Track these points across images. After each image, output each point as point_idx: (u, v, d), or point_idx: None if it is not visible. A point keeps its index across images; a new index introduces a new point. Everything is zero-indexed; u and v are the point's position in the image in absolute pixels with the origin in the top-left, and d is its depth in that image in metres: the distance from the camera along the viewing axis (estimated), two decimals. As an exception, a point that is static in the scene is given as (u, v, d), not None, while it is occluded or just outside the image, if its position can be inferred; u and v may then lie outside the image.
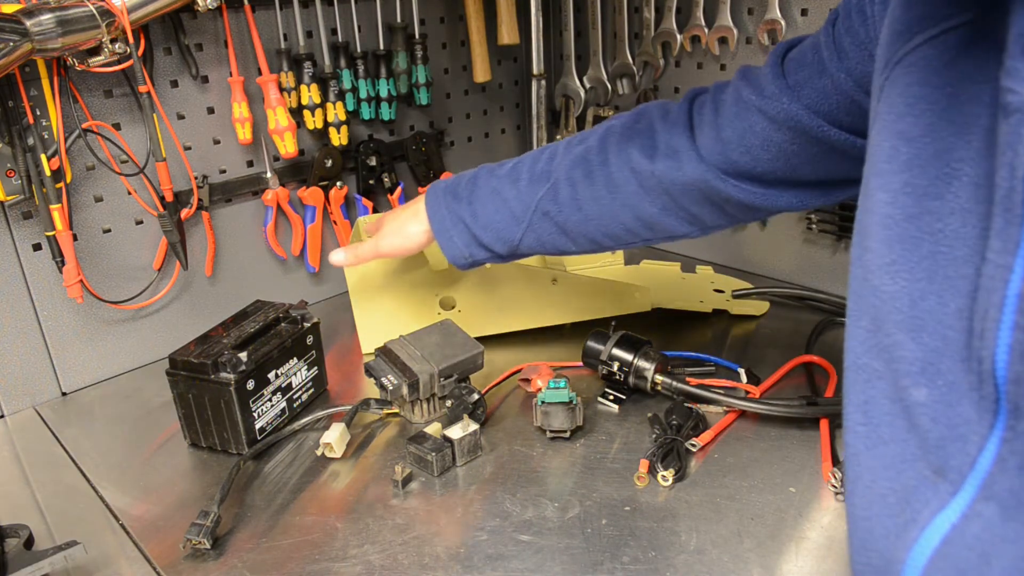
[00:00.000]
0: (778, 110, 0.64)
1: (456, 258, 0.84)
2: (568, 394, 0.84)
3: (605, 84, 1.30)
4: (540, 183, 0.80)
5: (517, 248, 0.83)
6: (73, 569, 0.69)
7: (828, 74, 0.61)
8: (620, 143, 0.76)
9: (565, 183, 0.78)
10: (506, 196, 0.81)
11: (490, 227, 0.81)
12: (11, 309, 0.94)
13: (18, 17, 0.79)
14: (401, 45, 1.17)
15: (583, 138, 0.81)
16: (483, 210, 0.82)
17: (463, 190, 0.84)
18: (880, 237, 0.44)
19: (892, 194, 0.44)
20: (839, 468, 0.75)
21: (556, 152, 0.81)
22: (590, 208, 0.78)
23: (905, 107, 0.44)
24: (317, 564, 0.68)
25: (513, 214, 0.81)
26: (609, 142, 0.77)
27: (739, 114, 0.68)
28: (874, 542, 0.43)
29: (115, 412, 0.96)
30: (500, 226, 0.81)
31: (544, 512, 0.74)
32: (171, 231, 1.00)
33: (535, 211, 0.80)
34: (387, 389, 0.84)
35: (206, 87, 1.04)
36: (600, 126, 0.80)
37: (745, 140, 0.68)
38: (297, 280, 1.21)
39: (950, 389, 0.39)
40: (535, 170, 0.81)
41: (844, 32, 0.59)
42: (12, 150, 0.87)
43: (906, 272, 0.42)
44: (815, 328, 1.04)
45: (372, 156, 1.22)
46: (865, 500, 0.44)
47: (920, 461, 0.41)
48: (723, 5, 1.11)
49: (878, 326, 0.44)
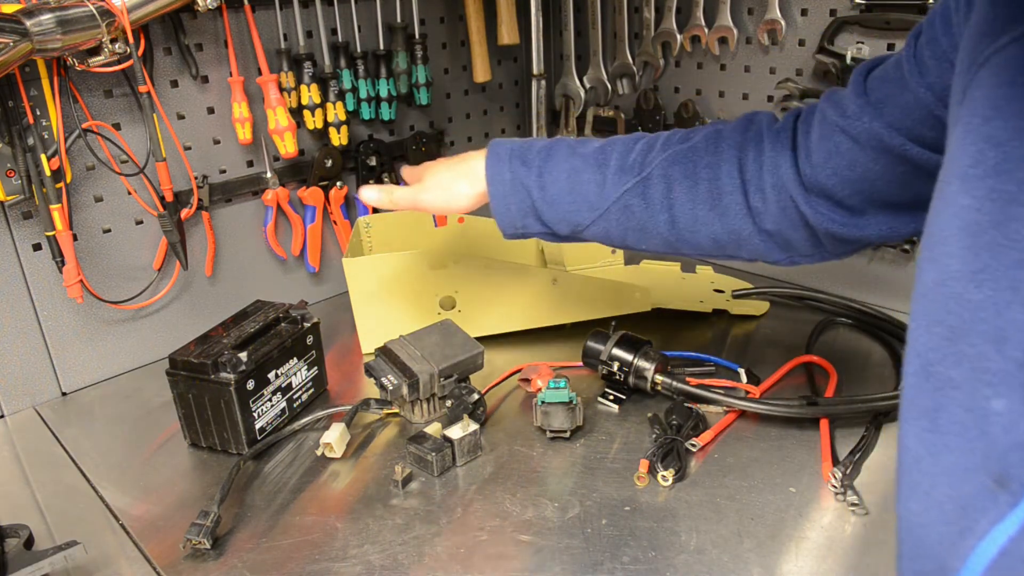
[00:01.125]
0: (860, 129, 0.63)
1: (506, 226, 0.80)
2: (568, 394, 0.84)
3: (605, 84, 1.30)
4: (629, 174, 0.74)
5: (581, 233, 0.78)
6: (73, 569, 0.69)
7: (909, 89, 0.60)
8: (732, 148, 0.73)
9: (660, 179, 0.73)
10: (585, 179, 0.76)
11: (558, 205, 0.76)
12: (11, 309, 0.94)
13: (18, 17, 0.79)
14: (401, 45, 1.17)
15: (686, 136, 0.76)
16: (554, 186, 0.76)
17: (534, 157, 0.78)
18: (964, 244, 0.43)
19: (977, 200, 0.42)
20: (839, 468, 0.75)
21: (653, 145, 0.76)
22: (682, 211, 0.73)
23: (992, 110, 0.43)
24: (317, 564, 0.68)
25: (589, 200, 0.75)
26: (721, 145, 0.73)
27: (824, 135, 0.67)
28: (928, 548, 0.43)
29: (115, 412, 0.96)
30: (570, 207, 0.76)
31: (544, 512, 0.74)
32: (171, 231, 1.00)
33: (617, 202, 0.75)
34: (387, 389, 0.84)
35: (206, 87, 1.04)
36: (703, 127, 0.76)
37: (831, 162, 0.66)
38: (297, 280, 1.21)
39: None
40: (626, 159, 0.76)
41: (925, 45, 0.58)
42: (12, 150, 0.87)
43: (992, 281, 0.41)
44: (815, 328, 1.04)
45: (372, 156, 1.22)
46: (922, 506, 0.44)
47: (982, 471, 0.40)
48: (723, 5, 1.11)
49: (959, 335, 0.42)
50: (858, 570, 0.66)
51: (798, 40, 1.08)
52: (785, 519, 0.72)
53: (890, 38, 0.99)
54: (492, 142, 0.81)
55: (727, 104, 1.19)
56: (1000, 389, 0.40)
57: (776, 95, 1.12)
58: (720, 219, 0.73)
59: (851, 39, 1.02)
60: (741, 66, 1.16)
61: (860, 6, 0.99)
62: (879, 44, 1.00)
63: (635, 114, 1.30)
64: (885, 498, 0.74)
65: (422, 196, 0.83)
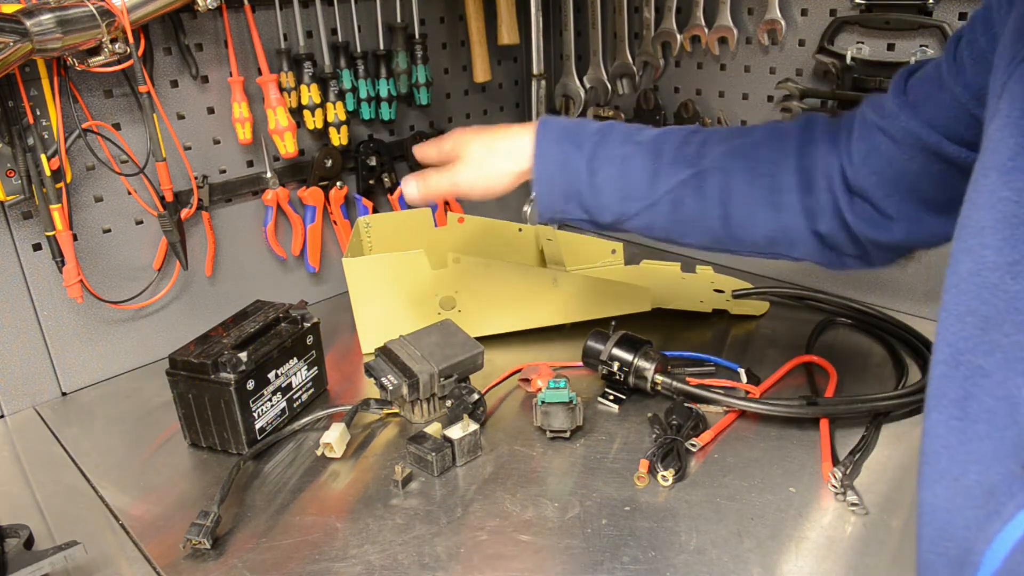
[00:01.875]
0: (898, 127, 0.64)
1: (545, 209, 0.76)
2: (568, 394, 0.84)
3: (605, 84, 1.30)
4: (684, 166, 0.73)
5: (623, 223, 0.75)
6: (73, 569, 0.69)
7: (947, 88, 0.60)
8: (792, 146, 0.72)
9: (717, 172, 0.72)
10: (636, 166, 0.73)
11: (605, 192, 0.74)
12: (11, 309, 0.94)
13: (18, 17, 0.79)
14: (401, 45, 1.17)
15: (745, 131, 0.75)
16: (603, 171, 0.73)
17: (587, 140, 0.75)
18: (1002, 235, 0.43)
19: (1017, 192, 0.43)
20: (839, 468, 0.75)
21: (711, 138, 0.74)
22: (736, 206, 0.72)
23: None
24: (317, 564, 0.68)
25: (637, 189, 0.73)
26: (784, 142, 0.72)
27: (863, 135, 0.68)
28: (953, 532, 0.43)
29: (115, 412, 0.96)
30: (617, 196, 0.74)
31: (544, 512, 0.74)
32: (171, 231, 1.00)
33: (668, 194, 0.72)
34: (387, 389, 0.84)
35: (206, 87, 1.04)
36: (762, 125, 0.76)
37: (869, 161, 0.67)
38: (297, 280, 1.21)
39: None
40: (682, 151, 0.74)
41: (965, 46, 0.59)
42: (12, 150, 0.87)
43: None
44: (815, 328, 1.04)
45: (372, 156, 1.22)
46: (950, 492, 0.44)
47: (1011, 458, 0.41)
48: (723, 5, 1.11)
49: (993, 324, 0.43)
50: (858, 570, 0.66)
51: (798, 40, 1.08)
52: (785, 519, 0.72)
53: (890, 38, 0.99)
54: (542, 119, 0.77)
55: (727, 104, 1.19)
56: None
57: (776, 95, 1.12)
58: (776, 217, 0.72)
59: (851, 39, 1.02)
60: (741, 66, 1.16)
61: (860, 6, 0.99)
62: (879, 44, 1.00)
63: (635, 114, 1.30)
64: (885, 498, 0.74)
65: (460, 178, 0.77)
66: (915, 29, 0.96)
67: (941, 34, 0.93)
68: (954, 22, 0.93)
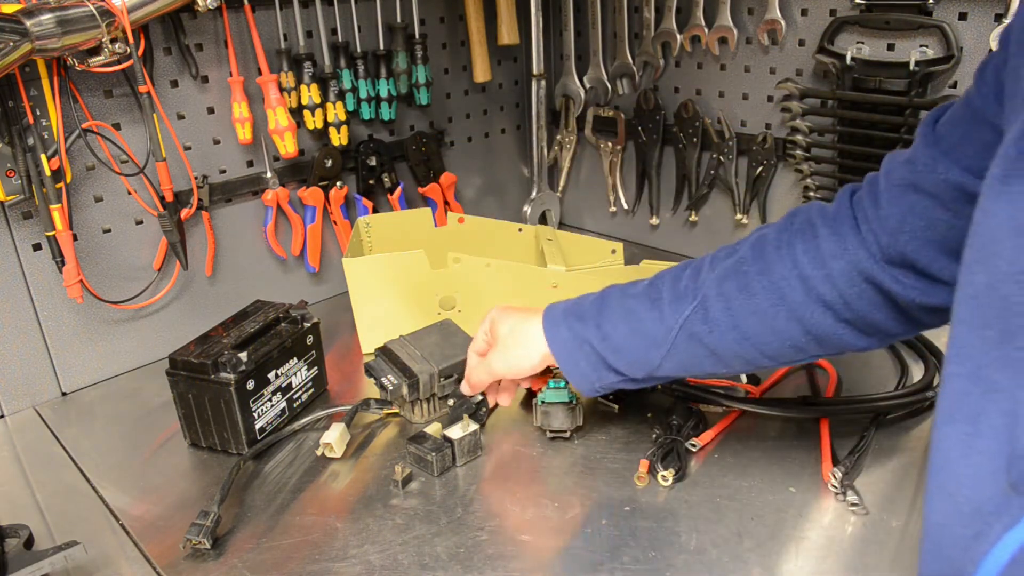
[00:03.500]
0: (934, 182, 0.58)
1: (582, 384, 0.77)
2: (568, 394, 0.84)
3: (605, 84, 1.30)
4: (684, 301, 0.71)
5: (655, 372, 0.74)
6: (73, 569, 0.69)
7: (982, 119, 0.55)
8: (779, 248, 0.69)
9: (717, 299, 0.70)
10: (642, 317, 0.73)
11: (623, 350, 0.74)
12: (11, 309, 0.94)
13: (18, 17, 0.79)
14: (401, 45, 1.17)
15: (731, 251, 0.73)
16: (615, 332, 0.74)
17: (588, 310, 0.76)
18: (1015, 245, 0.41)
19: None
20: (839, 468, 0.75)
21: (700, 267, 0.73)
22: (748, 325, 0.69)
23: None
24: (317, 564, 0.68)
25: (651, 337, 0.72)
26: (766, 249, 0.70)
27: (894, 198, 0.62)
28: (945, 551, 0.43)
29: (115, 412, 0.96)
30: (635, 349, 0.73)
31: (544, 512, 0.74)
32: (171, 231, 1.00)
33: (679, 332, 0.71)
34: (387, 389, 0.84)
35: (206, 87, 1.04)
36: (747, 238, 0.73)
37: (907, 225, 0.61)
38: (297, 280, 1.21)
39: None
40: (677, 288, 0.73)
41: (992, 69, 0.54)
42: (12, 150, 0.87)
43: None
44: (815, 328, 1.04)
45: (372, 156, 1.22)
46: (945, 507, 0.43)
47: (1003, 473, 0.40)
48: (723, 5, 1.11)
49: (1007, 338, 0.41)
50: (858, 570, 0.66)
51: (798, 40, 1.08)
52: (785, 519, 0.72)
53: (890, 38, 0.99)
54: (546, 307, 0.80)
55: (727, 104, 1.19)
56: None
57: (776, 95, 1.12)
58: (793, 323, 0.68)
59: (851, 39, 1.02)
60: (741, 66, 1.16)
61: (860, 6, 0.99)
62: (879, 44, 1.00)
63: (635, 114, 1.31)
64: (885, 498, 0.74)
65: (495, 366, 0.83)
66: (915, 29, 0.96)
67: (941, 34, 0.93)
68: (954, 22, 0.93)
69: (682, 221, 1.32)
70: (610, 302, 0.76)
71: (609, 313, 0.75)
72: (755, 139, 1.16)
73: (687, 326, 0.71)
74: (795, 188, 1.15)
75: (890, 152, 0.65)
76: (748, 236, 0.73)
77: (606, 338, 0.74)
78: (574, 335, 0.76)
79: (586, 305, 0.77)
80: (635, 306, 0.74)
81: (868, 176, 0.67)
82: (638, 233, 1.40)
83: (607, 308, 0.75)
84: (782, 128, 1.13)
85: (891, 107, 0.98)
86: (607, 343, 0.74)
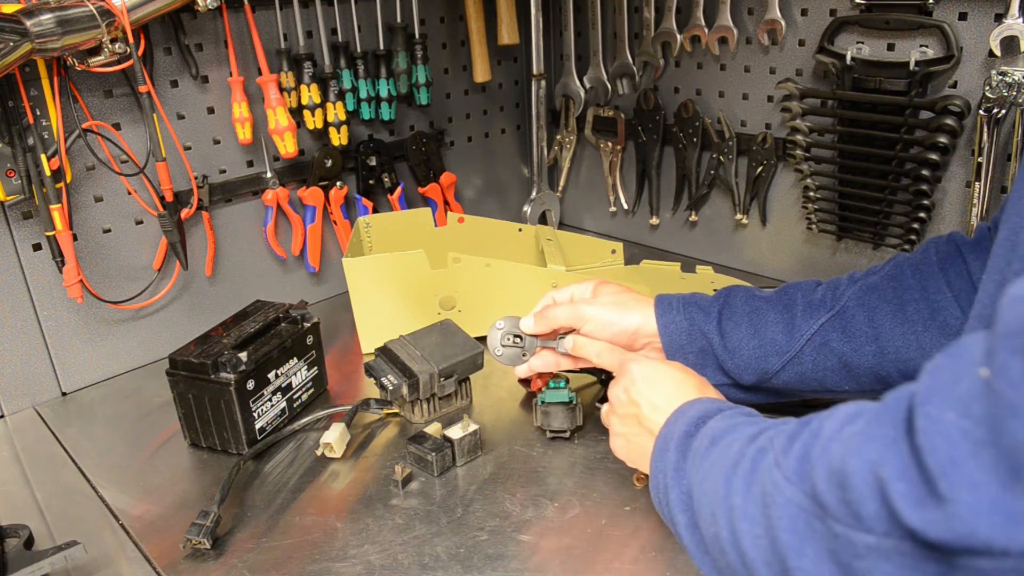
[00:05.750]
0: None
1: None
2: (568, 394, 0.84)
3: (605, 84, 1.30)
4: (821, 310, 0.70)
5: (769, 380, 0.72)
6: (73, 569, 0.69)
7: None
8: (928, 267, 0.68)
9: (859, 310, 0.68)
10: (770, 320, 0.71)
11: (741, 352, 0.71)
12: (11, 309, 0.94)
13: (18, 17, 0.79)
14: (401, 45, 1.17)
15: (872, 270, 0.72)
16: (737, 332, 0.71)
17: (710, 303, 0.73)
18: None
19: None
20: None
21: (839, 284, 0.72)
22: (891, 338, 0.67)
23: None
24: (317, 564, 0.68)
25: (776, 342, 0.70)
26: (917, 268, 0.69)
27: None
28: None
29: (115, 412, 0.96)
30: (755, 353, 0.71)
31: (544, 512, 0.74)
32: (171, 231, 1.00)
33: (811, 341, 0.69)
34: (387, 389, 0.84)
35: (206, 87, 1.04)
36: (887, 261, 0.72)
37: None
38: (297, 280, 1.21)
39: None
40: (812, 297, 0.71)
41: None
42: (12, 150, 0.87)
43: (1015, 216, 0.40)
44: (815, 328, 1.04)
45: (372, 156, 1.22)
46: None
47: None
48: (723, 5, 1.11)
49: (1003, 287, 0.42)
50: (858, 570, 0.66)
51: (798, 40, 1.08)
52: (785, 519, 0.71)
53: (890, 38, 0.99)
54: (657, 296, 0.76)
55: (727, 104, 1.19)
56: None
57: (776, 95, 1.12)
58: (940, 336, 0.67)
59: (851, 39, 1.02)
60: (741, 66, 1.16)
61: (860, 6, 0.99)
62: (879, 44, 1.00)
63: (635, 114, 1.31)
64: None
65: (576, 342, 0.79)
66: (915, 29, 0.96)
67: (941, 34, 0.93)
68: (954, 22, 0.93)
69: (682, 221, 1.32)
70: (734, 300, 0.73)
71: (731, 311, 0.72)
72: (755, 139, 1.16)
73: (821, 334, 0.69)
74: (795, 188, 1.15)
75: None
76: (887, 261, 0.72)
77: (724, 335, 0.71)
78: (691, 323, 0.72)
79: (707, 299, 0.74)
80: (763, 307, 0.72)
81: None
82: (638, 233, 1.40)
83: (730, 306, 0.73)
84: (782, 128, 1.13)
85: (891, 107, 0.98)
86: (724, 340, 0.71)
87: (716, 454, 0.52)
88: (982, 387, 0.33)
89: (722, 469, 0.50)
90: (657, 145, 1.29)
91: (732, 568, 0.47)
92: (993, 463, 0.31)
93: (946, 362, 0.36)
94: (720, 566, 0.49)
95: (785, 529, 0.42)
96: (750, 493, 0.46)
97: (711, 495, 0.50)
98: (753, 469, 0.47)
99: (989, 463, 0.31)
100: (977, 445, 0.32)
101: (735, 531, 0.46)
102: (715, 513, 0.49)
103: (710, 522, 0.49)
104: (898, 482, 0.34)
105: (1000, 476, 0.31)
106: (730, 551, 0.47)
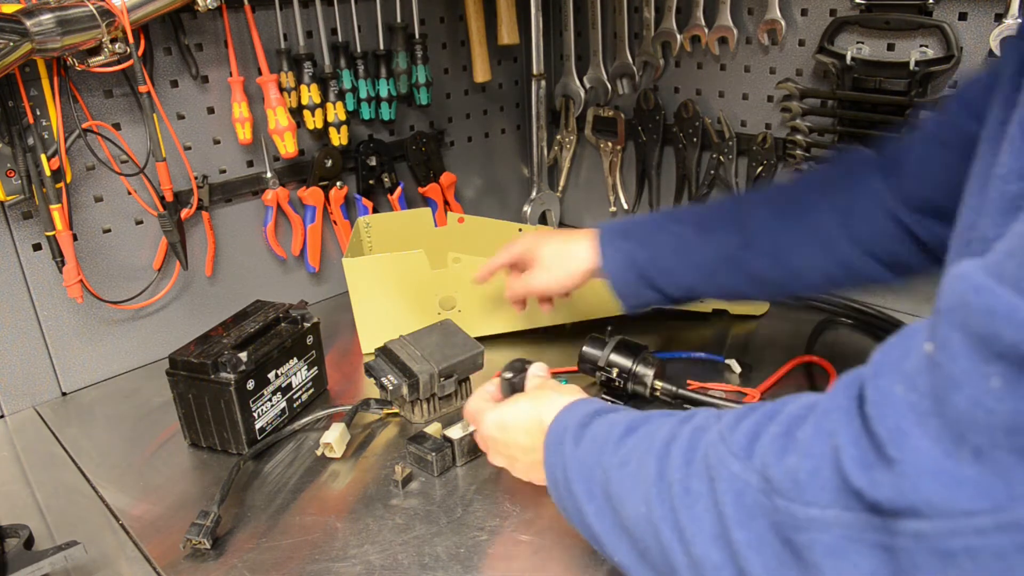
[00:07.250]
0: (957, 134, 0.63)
1: (626, 299, 0.83)
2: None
3: (605, 84, 1.30)
4: (732, 233, 0.78)
5: (695, 293, 0.82)
6: (73, 569, 0.69)
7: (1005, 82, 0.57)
8: (821, 186, 0.77)
9: (764, 232, 0.77)
10: (691, 243, 0.80)
11: (673, 272, 0.80)
12: (11, 309, 0.94)
13: (18, 17, 0.79)
14: (401, 45, 1.17)
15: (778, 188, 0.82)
16: (665, 255, 0.80)
17: (639, 233, 0.83)
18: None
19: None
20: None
21: (746, 201, 0.82)
22: (788, 255, 0.77)
23: None
24: (317, 564, 0.68)
25: (694, 262, 0.80)
26: (811, 187, 0.78)
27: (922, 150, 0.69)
28: None
29: (115, 412, 0.96)
30: (683, 272, 0.80)
31: (544, 512, 0.74)
32: (171, 231, 1.00)
33: (725, 261, 0.78)
34: (387, 389, 0.84)
35: (206, 87, 1.04)
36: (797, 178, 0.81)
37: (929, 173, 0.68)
38: (297, 280, 1.21)
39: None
40: (723, 216, 0.81)
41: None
42: (12, 150, 0.87)
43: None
44: (815, 328, 1.04)
45: (372, 156, 1.22)
46: None
47: None
48: (723, 5, 1.11)
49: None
50: (858, 570, 0.66)
51: (798, 40, 1.08)
52: (785, 519, 0.71)
53: (890, 38, 0.99)
54: (598, 225, 0.85)
55: (727, 104, 1.19)
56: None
57: (776, 95, 1.12)
58: (827, 255, 0.75)
59: (851, 39, 1.02)
60: (741, 66, 1.16)
61: (860, 6, 0.99)
62: (879, 44, 1.00)
63: (635, 114, 1.30)
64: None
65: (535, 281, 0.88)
66: (915, 29, 0.96)
67: (941, 34, 0.93)
68: (954, 22, 0.93)
69: (682, 221, 1.32)
70: (662, 227, 0.82)
71: (660, 237, 0.81)
72: (755, 139, 1.16)
73: (733, 255, 0.78)
74: (795, 188, 1.15)
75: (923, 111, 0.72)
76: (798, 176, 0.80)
77: (655, 260, 0.80)
78: (628, 254, 0.82)
79: (639, 227, 0.83)
80: (684, 232, 0.80)
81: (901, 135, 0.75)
82: (638, 233, 1.40)
83: (658, 232, 0.82)
84: (782, 128, 1.13)
85: (891, 107, 0.98)
86: (656, 264, 0.80)
87: (638, 439, 0.54)
88: (926, 362, 0.36)
89: (651, 450, 0.51)
90: (657, 145, 1.29)
91: (662, 546, 0.48)
92: (938, 432, 0.34)
93: (897, 340, 0.39)
94: (642, 547, 0.50)
95: (730, 504, 0.43)
96: (691, 468, 0.47)
97: (637, 476, 0.51)
98: (692, 447, 0.49)
99: (935, 432, 0.34)
100: (923, 416, 0.35)
101: (674, 507, 0.47)
102: (646, 493, 0.49)
103: (638, 503, 0.50)
104: (850, 447, 0.37)
105: (943, 443, 0.34)
106: (664, 529, 0.47)
